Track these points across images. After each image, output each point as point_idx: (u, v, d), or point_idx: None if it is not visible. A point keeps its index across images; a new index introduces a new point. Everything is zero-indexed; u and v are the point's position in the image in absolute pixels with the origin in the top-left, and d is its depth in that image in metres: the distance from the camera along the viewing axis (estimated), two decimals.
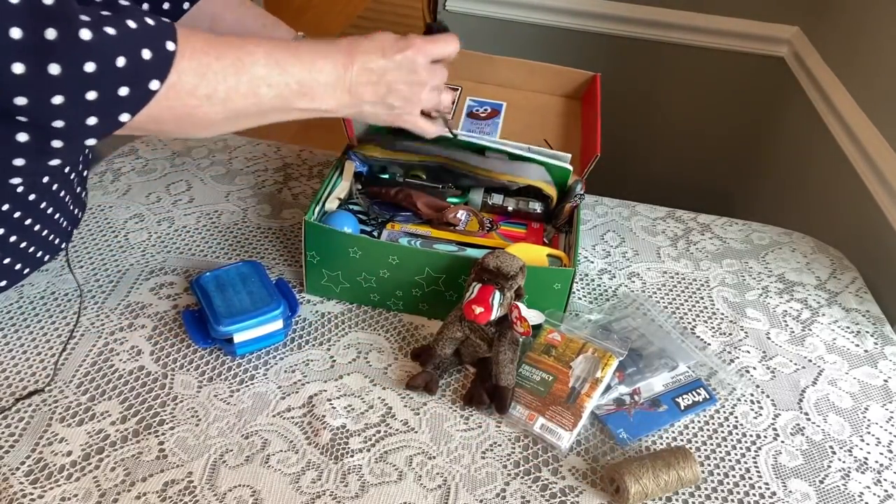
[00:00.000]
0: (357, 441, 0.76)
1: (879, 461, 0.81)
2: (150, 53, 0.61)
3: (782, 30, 1.72)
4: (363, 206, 0.98)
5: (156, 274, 0.94)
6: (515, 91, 1.16)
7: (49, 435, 0.73)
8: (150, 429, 0.75)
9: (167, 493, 0.69)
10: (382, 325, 0.90)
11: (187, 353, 0.84)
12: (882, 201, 1.20)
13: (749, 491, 0.76)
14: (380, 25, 4.17)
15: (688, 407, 0.83)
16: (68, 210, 0.90)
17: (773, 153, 1.79)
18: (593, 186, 1.03)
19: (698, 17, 1.74)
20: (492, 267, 0.80)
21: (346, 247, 0.87)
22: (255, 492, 0.70)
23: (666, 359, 0.87)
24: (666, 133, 1.96)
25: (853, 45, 1.44)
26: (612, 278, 1.02)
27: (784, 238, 1.15)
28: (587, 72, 1.15)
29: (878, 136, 1.25)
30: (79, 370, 0.80)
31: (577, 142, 1.08)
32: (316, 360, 0.85)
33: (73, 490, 0.69)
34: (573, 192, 0.96)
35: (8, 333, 0.83)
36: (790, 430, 0.83)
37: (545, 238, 0.97)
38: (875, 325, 0.99)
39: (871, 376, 0.91)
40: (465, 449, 0.77)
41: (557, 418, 0.78)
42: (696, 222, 1.16)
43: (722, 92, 1.85)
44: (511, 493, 0.73)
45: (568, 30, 1.82)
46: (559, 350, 0.84)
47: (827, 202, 1.45)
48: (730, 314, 0.98)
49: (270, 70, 0.70)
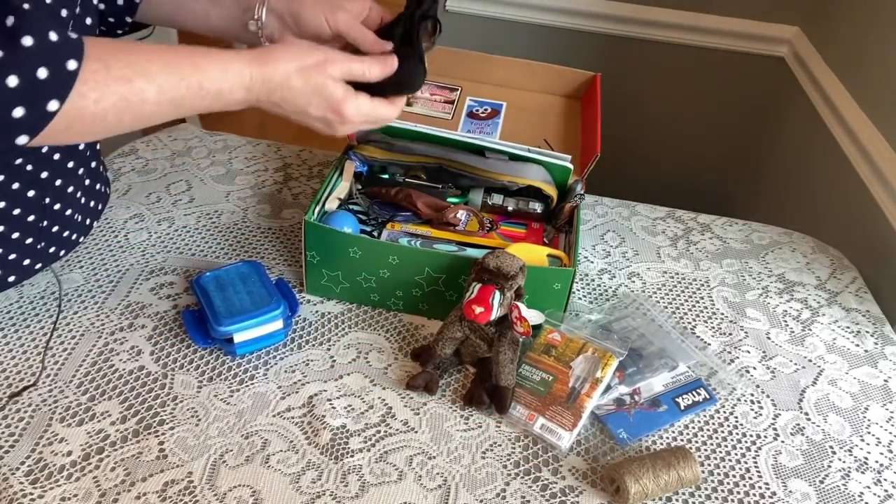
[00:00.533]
0: (357, 441, 0.76)
1: (879, 461, 0.81)
2: (48, 73, 0.59)
3: (782, 30, 1.72)
4: (363, 206, 0.98)
5: (156, 274, 0.94)
6: (515, 91, 1.16)
7: (49, 435, 0.73)
8: (150, 429, 0.75)
9: (167, 493, 0.69)
10: (382, 325, 0.90)
11: (187, 353, 0.84)
12: (882, 201, 1.20)
13: (749, 491, 0.76)
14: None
15: (688, 407, 0.83)
16: (80, 205, 0.90)
17: (774, 153, 1.79)
18: (593, 186, 1.03)
19: (698, 17, 1.74)
20: (492, 267, 0.80)
21: (346, 247, 0.87)
22: (255, 492, 0.70)
23: (666, 359, 0.87)
24: (666, 133, 1.96)
25: (853, 45, 1.44)
26: (612, 278, 1.02)
27: (784, 238, 1.15)
28: (587, 72, 1.15)
29: (879, 136, 1.25)
30: (79, 370, 0.80)
31: (577, 142, 1.08)
32: (316, 360, 0.85)
33: (73, 490, 0.69)
34: (573, 192, 0.96)
35: (8, 333, 0.83)
36: (790, 430, 0.83)
37: (545, 238, 0.97)
38: (875, 325, 0.99)
39: (871, 376, 0.91)
40: (465, 449, 0.77)
41: (557, 418, 0.78)
42: (696, 222, 1.16)
43: (722, 92, 1.85)
44: (511, 493, 0.73)
45: (568, 30, 1.82)
46: (559, 350, 0.84)
47: (827, 202, 1.45)
48: (730, 314, 0.98)
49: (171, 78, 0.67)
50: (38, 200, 0.81)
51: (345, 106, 0.75)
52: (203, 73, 0.69)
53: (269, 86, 0.72)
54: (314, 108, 0.75)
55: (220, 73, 0.70)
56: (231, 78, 0.70)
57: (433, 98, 1.14)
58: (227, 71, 0.70)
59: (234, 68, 0.70)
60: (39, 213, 0.82)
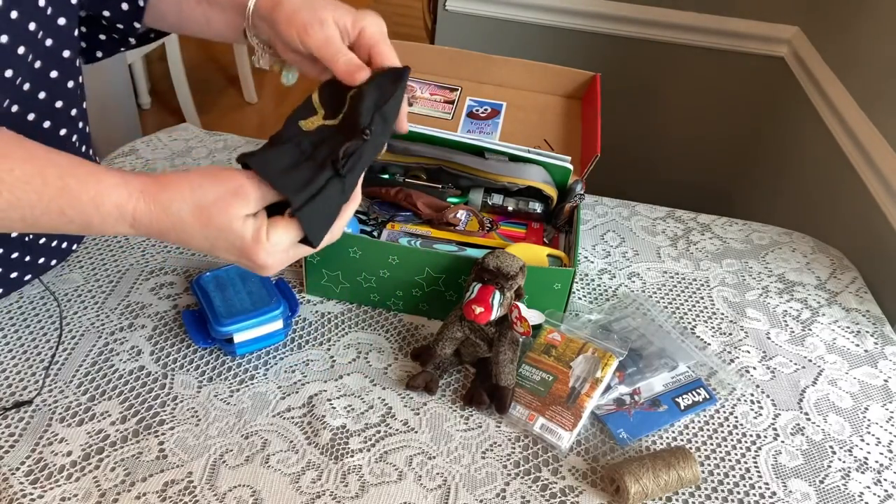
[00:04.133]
0: (357, 441, 0.76)
1: (879, 461, 0.81)
2: None
3: (782, 30, 1.73)
4: (363, 206, 0.98)
5: (156, 274, 0.94)
6: (515, 91, 1.16)
7: (49, 435, 0.73)
8: (150, 429, 0.75)
9: (167, 493, 0.69)
10: (382, 325, 0.90)
11: (187, 353, 0.84)
12: (882, 201, 1.20)
13: (749, 491, 0.76)
14: None
15: (688, 407, 0.83)
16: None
17: (774, 153, 1.79)
18: (593, 186, 1.03)
19: (699, 17, 1.74)
20: (492, 267, 0.80)
21: (346, 247, 0.87)
22: (255, 492, 0.70)
23: (666, 359, 0.87)
24: (666, 133, 1.96)
25: (853, 45, 1.44)
26: (612, 278, 1.02)
27: (784, 238, 1.15)
28: (587, 72, 1.15)
29: (878, 136, 1.25)
30: (79, 370, 0.80)
31: (577, 142, 1.08)
32: (316, 360, 0.85)
33: (73, 490, 0.69)
34: (573, 192, 0.96)
35: (8, 333, 0.83)
36: (790, 430, 0.83)
37: (545, 238, 0.97)
38: (875, 325, 0.99)
39: (871, 376, 0.91)
40: (465, 449, 0.77)
41: (557, 418, 0.78)
42: (696, 222, 1.16)
43: (722, 92, 1.85)
44: (511, 493, 0.73)
45: (568, 30, 1.82)
46: (559, 350, 0.84)
47: (827, 202, 1.45)
48: (730, 314, 0.98)
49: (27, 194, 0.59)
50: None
51: (256, 254, 0.62)
52: (68, 201, 0.60)
53: (160, 226, 0.62)
54: (223, 252, 0.64)
55: (92, 206, 0.61)
56: (106, 212, 0.61)
57: (433, 98, 1.14)
58: (100, 205, 0.60)
59: (112, 201, 0.61)
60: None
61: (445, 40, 1.89)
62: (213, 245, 0.63)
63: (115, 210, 0.61)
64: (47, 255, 0.87)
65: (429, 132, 0.96)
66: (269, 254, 0.63)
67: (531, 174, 0.95)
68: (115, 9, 0.82)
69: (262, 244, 0.62)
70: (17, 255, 0.82)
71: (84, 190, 0.60)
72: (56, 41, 0.74)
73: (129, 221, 0.62)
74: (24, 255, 0.82)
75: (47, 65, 0.74)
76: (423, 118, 1.10)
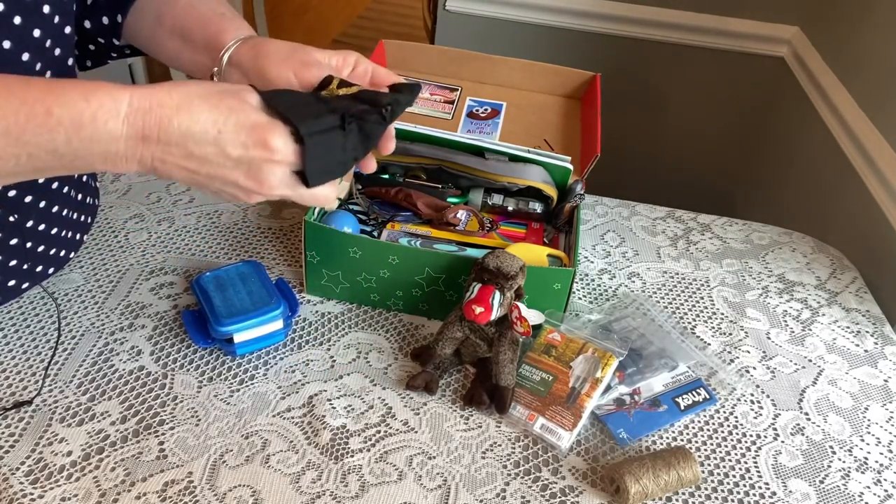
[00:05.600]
0: (357, 441, 0.76)
1: (879, 461, 0.81)
2: None
3: (782, 30, 1.73)
4: (363, 206, 0.98)
5: (156, 274, 0.94)
6: (515, 91, 1.16)
7: (49, 435, 0.73)
8: (150, 429, 0.75)
9: (167, 493, 0.69)
10: (382, 325, 0.90)
11: (187, 353, 0.84)
12: (882, 201, 1.20)
13: (749, 491, 0.76)
14: (380, 25, 4.15)
15: (688, 407, 0.83)
16: (67, 222, 0.88)
17: (773, 153, 1.79)
18: (593, 186, 1.03)
19: (698, 17, 1.74)
20: (492, 267, 0.80)
21: (346, 247, 0.87)
22: (255, 492, 0.70)
23: (666, 359, 0.87)
24: (666, 133, 1.96)
25: (853, 45, 1.44)
26: (612, 278, 1.02)
27: (784, 238, 1.15)
28: (587, 72, 1.15)
29: (878, 136, 1.25)
30: (79, 370, 0.80)
31: (577, 142, 1.08)
32: (316, 360, 0.85)
33: (73, 490, 0.69)
34: (573, 192, 0.96)
35: (8, 334, 0.83)
36: (790, 430, 0.83)
37: (545, 238, 0.97)
38: (875, 325, 0.99)
39: (871, 376, 0.91)
40: (465, 449, 0.77)
41: (557, 418, 0.78)
42: (696, 222, 1.16)
43: (722, 92, 1.85)
44: (511, 493, 0.73)
45: (568, 30, 1.82)
46: (559, 350, 0.84)
47: (827, 202, 1.45)
48: (730, 314, 0.98)
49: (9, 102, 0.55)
50: (19, 224, 0.78)
51: (271, 134, 0.58)
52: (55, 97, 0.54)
53: (162, 112, 0.56)
54: (231, 144, 0.58)
55: (82, 99, 0.55)
56: (98, 103, 0.55)
57: (433, 98, 1.14)
58: (90, 95, 0.55)
59: (103, 90, 0.55)
60: (20, 236, 0.79)
61: (445, 40, 1.89)
62: (220, 132, 0.57)
63: (107, 100, 0.55)
64: (45, 263, 0.86)
65: (429, 132, 0.96)
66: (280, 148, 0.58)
67: (531, 174, 0.95)
68: (97, 22, 0.82)
69: (278, 125, 0.58)
70: (16, 263, 0.81)
71: (72, 86, 0.56)
72: (63, 50, 0.75)
73: (125, 111, 0.56)
74: (22, 262, 0.82)
75: (58, 75, 0.75)
76: (423, 118, 1.10)
